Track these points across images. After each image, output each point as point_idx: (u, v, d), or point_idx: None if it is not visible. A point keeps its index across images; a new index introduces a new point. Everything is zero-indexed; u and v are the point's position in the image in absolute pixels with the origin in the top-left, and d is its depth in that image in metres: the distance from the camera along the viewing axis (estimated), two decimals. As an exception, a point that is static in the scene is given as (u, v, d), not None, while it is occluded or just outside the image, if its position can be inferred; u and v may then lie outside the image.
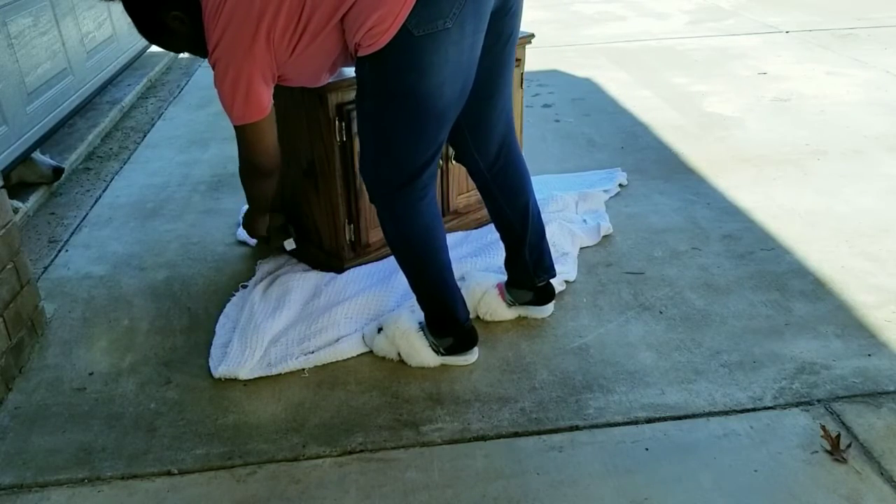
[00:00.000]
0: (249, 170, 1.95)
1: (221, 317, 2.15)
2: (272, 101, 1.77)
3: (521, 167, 1.96)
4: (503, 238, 2.03)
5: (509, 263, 2.05)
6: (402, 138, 1.67)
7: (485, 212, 2.46)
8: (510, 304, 2.08)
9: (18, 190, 2.92)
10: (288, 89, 2.14)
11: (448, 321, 1.90)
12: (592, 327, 2.06)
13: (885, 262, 2.31)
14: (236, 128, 1.82)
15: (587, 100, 3.89)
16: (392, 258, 2.33)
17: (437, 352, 1.91)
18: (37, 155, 3.03)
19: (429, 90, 1.61)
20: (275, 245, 2.33)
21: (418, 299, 1.91)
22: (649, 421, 1.72)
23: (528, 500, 1.52)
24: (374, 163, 1.73)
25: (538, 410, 1.77)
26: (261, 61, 1.67)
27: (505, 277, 2.10)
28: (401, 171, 1.71)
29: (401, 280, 2.23)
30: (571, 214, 2.62)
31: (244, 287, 2.28)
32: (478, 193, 2.12)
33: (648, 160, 3.12)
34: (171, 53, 5.01)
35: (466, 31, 1.59)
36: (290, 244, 2.31)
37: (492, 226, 2.15)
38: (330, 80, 1.96)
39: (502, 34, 1.74)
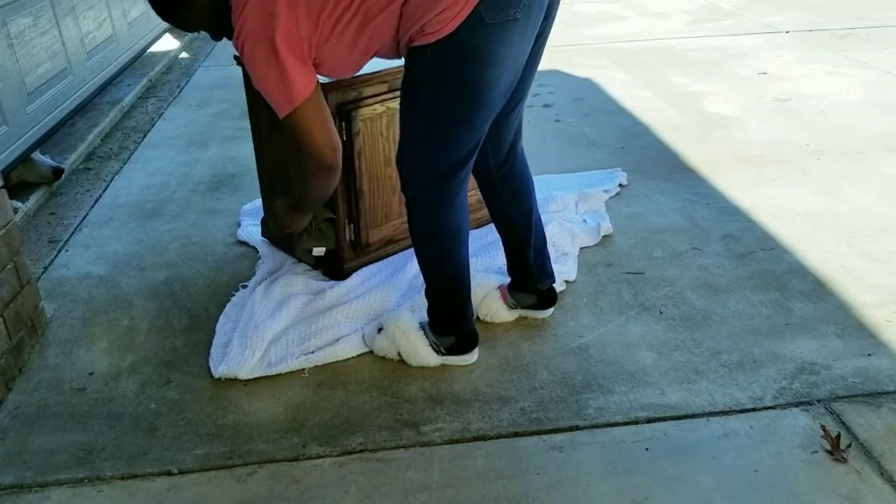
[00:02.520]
0: (311, 167, 1.69)
1: (221, 317, 2.14)
2: (317, 80, 1.63)
3: (526, 170, 1.96)
4: (506, 242, 2.02)
5: (512, 267, 2.05)
6: (452, 129, 1.65)
7: (485, 212, 2.46)
8: (512, 307, 2.08)
9: (18, 190, 2.92)
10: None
11: (454, 320, 1.90)
12: (592, 327, 2.06)
13: (885, 262, 2.31)
14: (284, 121, 1.63)
15: (587, 100, 3.89)
16: (392, 258, 2.34)
17: (438, 351, 1.91)
18: (37, 155, 3.03)
19: (488, 81, 1.59)
20: (306, 246, 2.09)
21: (429, 294, 1.90)
22: (649, 421, 1.72)
23: (528, 500, 1.52)
24: (419, 154, 1.70)
25: (538, 410, 1.77)
26: (291, 34, 1.54)
27: (506, 279, 2.10)
28: (445, 162, 1.69)
29: (402, 280, 2.23)
30: (571, 214, 2.62)
31: (244, 287, 2.28)
32: (478, 193, 2.12)
33: (648, 160, 3.12)
34: (172, 53, 5.01)
35: (530, 24, 1.59)
36: (320, 251, 2.11)
37: (492, 226, 2.14)
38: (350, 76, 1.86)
39: (540, 36, 1.72)
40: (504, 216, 1.98)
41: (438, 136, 1.66)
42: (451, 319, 1.90)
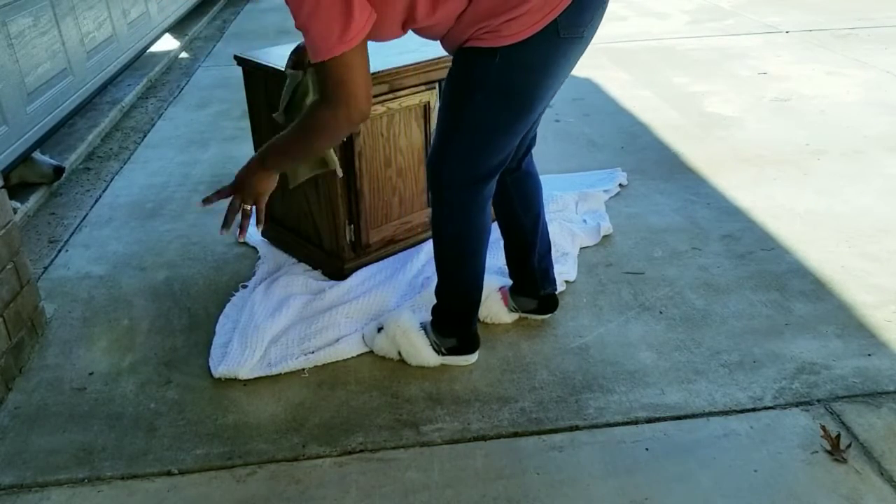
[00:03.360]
0: (342, 116, 1.48)
1: (221, 317, 2.14)
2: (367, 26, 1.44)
3: (537, 175, 1.96)
4: (511, 246, 2.02)
5: (515, 271, 2.05)
6: (496, 134, 1.65)
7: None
8: (513, 310, 2.08)
9: (18, 190, 2.92)
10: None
11: (461, 322, 1.90)
12: (592, 327, 2.06)
13: (885, 262, 2.31)
14: (322, 64, 1.43)
15: (587, 100, 3.89)
16: (392, 258, 2.34)
17: (439, 352, 1.91)
18: (37, 155, 3.03)
19: (542, 92, 1.60)
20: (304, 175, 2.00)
21: (441, 294, 1.89)
22: (649, 421, 1.72)
23: (528, 500, 1.52)
24: (458, 155, 1.68)
25: (538, 410, 1.77)
26: None
27: (507, 281, 2.09)
28: (483, 166, 1.69)
29: (402, 280, 2.23)
30: (571, 214, 2.62)
31: (244, 287, 2.28)
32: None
33: (648, 160, 3.12)
34: (172, 53, 5.01)
35: (586, 44, 1.61)
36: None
37: (492, 225, 2.13)
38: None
39: None
40: (512, 220, 1.97)
41: (480, 140, 1.66)
42: (457, 321, 1.90)
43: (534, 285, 2.03)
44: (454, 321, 1.90)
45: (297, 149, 1.64)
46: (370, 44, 1.51)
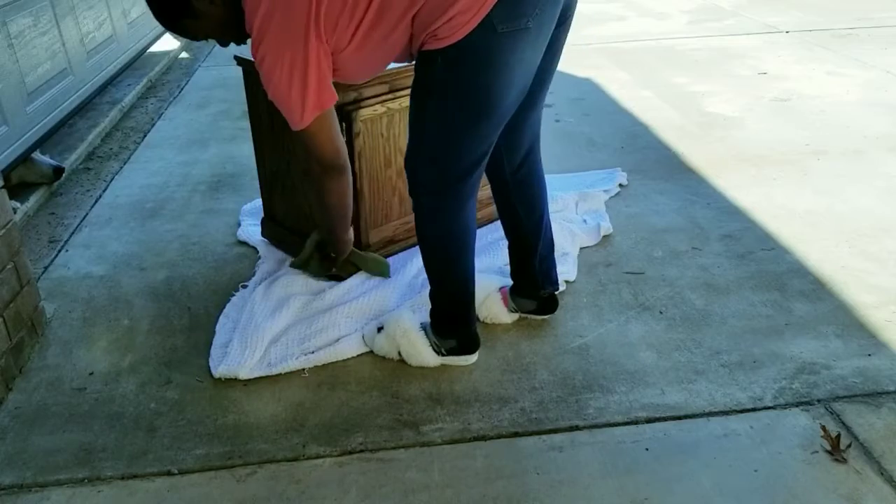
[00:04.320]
0: (319, 172, 1.80)
1: (221, 317, 2.14)
2: (335, 97, 1.66)
3: (541, 177, 1.95)
4: (513, 247, 2.02)
5: (517, 272, 2.04)
6: (461, 137, 1.65)
7: (485, 212, 2.46)
8: (513, 311, 2.07)
9: (18, 190, 2.92)
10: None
11: (457, 323, 1.90)
12: (592, 327, 2.06)
13: (885, 262, 2.31)
14: (295, 133, 1.68)
15: (587, 100, 3.89)
16: (392, 259, 2.34)
17: (439, 352, 1.91)
18: (37, 155, 3.03)
19: (498, 90, 1.58)
20: (346, 271, 2.21)
21: (434, 297, 1.90)
22: (649, 421, 1.72)
23: (528, 500, 1.52)
24: (428, 160, 1.69)
25: (538, 410, 1.77)
26: (318, 48, 1.55)
27: (507, 281, 2.09)
28: (454, 169, 1.69)
29: (402, 280, 2.23)
30: (571, 214, 2.62)
31: (244, 287, 2.28)
32: (487, 190, 2.11)
33: (648, 160, 3.12)
34: (172, 53, 5.01)
35: (542, 34, 1.58)
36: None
37: (492, 226, 2.15)
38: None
39: (554, 43, 1.71)
40: (515, 221, 1.96)
41: (447, 142, 1.66)
42: (454, 322, 1.90)
43: (534, 287, 2.03)
44: (451, 322, 1.90)
45: (321, 214, 1.98)
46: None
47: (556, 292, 2.10)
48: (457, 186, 1.71)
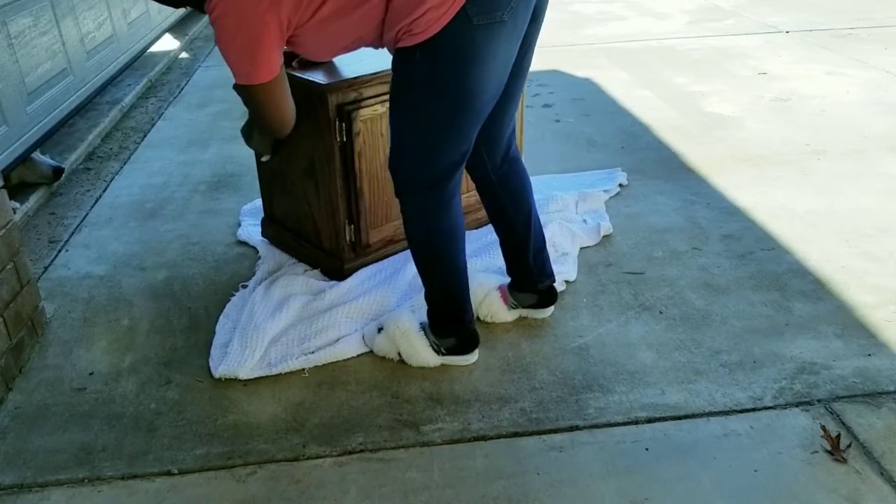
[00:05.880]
0: (260, 128, 1.92)
1: (221, 317, 2.14)
2: (283, 62, 1.67)
3: (523, 170, 1.96)
4: (506, 243, 2.02)
5: (512, 268, 2.04)
6: (441, 133, 1.65)
7: (484, 212, 2.46)
8: (513, 307, 2.08)
9: (18, 190, 2.92)
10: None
11: (453, 321, 1.90)
12: (592, 327, 2.06)
13: (885, 262, 2.31)
14: (241, 87, 1.70)
15: (587, 100, 3.89)
16: (392, 258, 2.34)
17: (438, 352, 1.91)
18: (37, 155, 3.03)
19: (476, 84, 1.59)
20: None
21: (428, 297, 1.90)
22: (649, 421, 1.72)
23: (528, 500, 1.52)
24: (410, 158, 1.70)
25: (538, 410, 1.77)
26: (272, 15, 1.55)
27: (505, 279, 2.09)
28: (436, 167, 1.69)
29: (402, 280, 2.23)
30: (571, 214, 2.62)
31: (244, 287, 2.28)
32: (476, 194, 2.12)
33: (648, 160, 3.12)
34: (172, 53, 5.01)
35: (517, 28, 1.59)
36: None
37: (490, 227, 2.13)
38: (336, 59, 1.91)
39: (527, 38, 1.72)
40: (504, 218, 1.97)
41: (428, 140, 1.67)
42: (450, 321, 1.90)
43: (532, 280, 2.03)
44: (447, 322, 1.90)
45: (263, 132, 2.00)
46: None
47: (556, 290, 2.10)
48: (440, 184, 1.72)
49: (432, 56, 1.56)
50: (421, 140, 1.67)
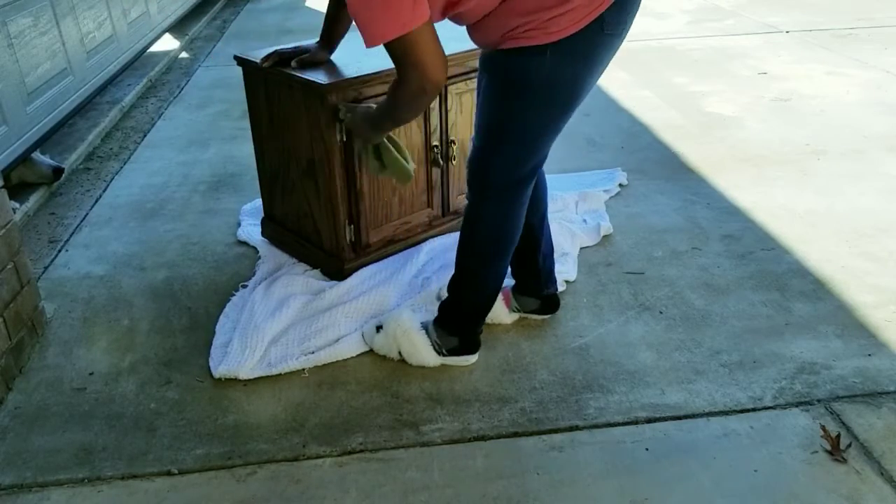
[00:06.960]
0: (416, 88, 1.53)
1: (221, 317, 2.14)
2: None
3: (543, 173, 1.96)
4: (518, 246, 2.01)
5: (520, 271, 2.04)
6: (544, 131, 1.66)
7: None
8: (514, 311, 2.07)
9: (18, 190, 2.92)
10: (287, 88, 2.14)
11: (468, 323, 1.90)
12: (592, 327, 2.06)
13: (885, 262, 2.31)
14: (390, 44, 1.47)
15: (587, 100, 3.87)
16: (392, 258, 2.34)
17: (439, 352, 1.91)
18: (37, 155, 3.03)
19: (584, 86, 1.62)
20: (373, 167, 1.94)
21: (456, 293, 1.88)
22: (649, 421, 1.72)
23: (528, 500, 1.52)
24: (507, 156, 1.68)
25: (538, 410, 1.77)
26: None
27: (509, 281, 2.09)
28: (528, 164, 1.70)
29: (402, 280, 2.23)
30: (571, 214, 2.62)
31: (244, 287, 2.28)
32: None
33: (648, 160, 3.12)
34: (172, 53, 5.01)
35: (623, 39, 1.63)
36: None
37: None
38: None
39: None
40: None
41: (528, 139, 1.66)
42: (466, 321, 1.90)
43: (537, 285, 2.04)
44: (463, 320, 1.90)
45: (386, 121, 1.75)
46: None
47: (559, 299, 2.10)
48: (525, 182, 1.73)
49: (562, 56, 1.55)
50: (522, 138, 1.66)
